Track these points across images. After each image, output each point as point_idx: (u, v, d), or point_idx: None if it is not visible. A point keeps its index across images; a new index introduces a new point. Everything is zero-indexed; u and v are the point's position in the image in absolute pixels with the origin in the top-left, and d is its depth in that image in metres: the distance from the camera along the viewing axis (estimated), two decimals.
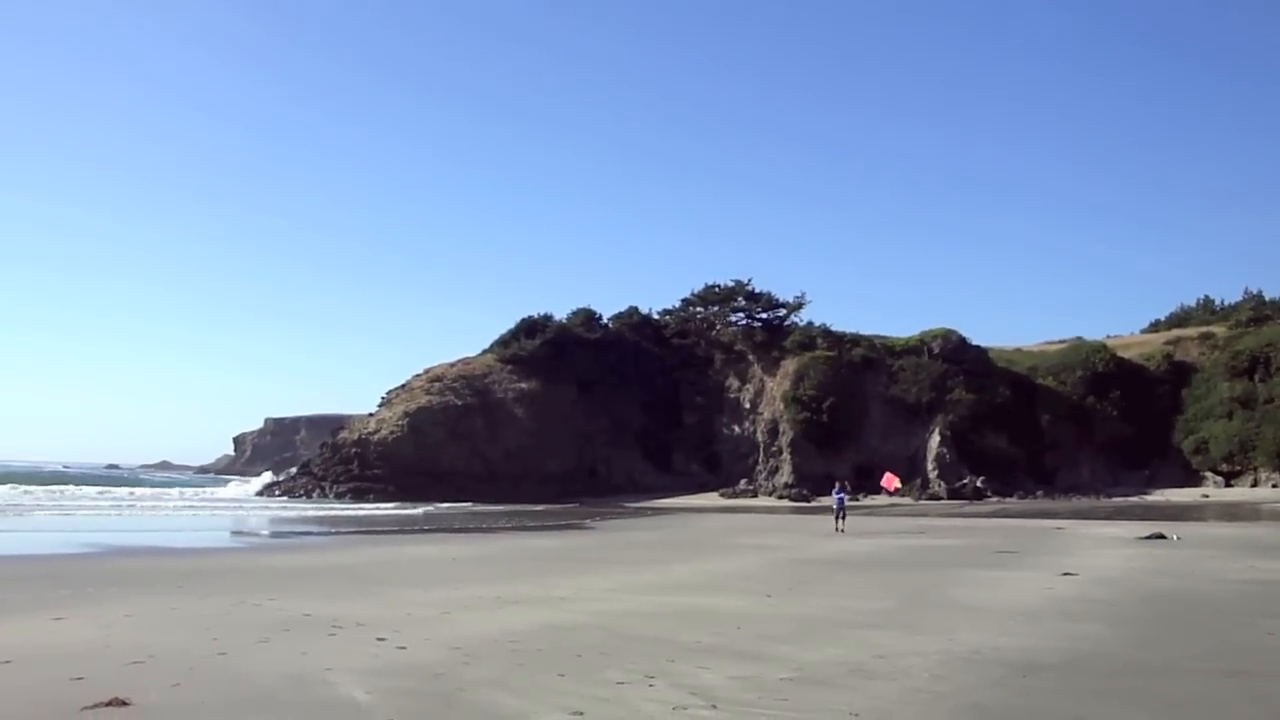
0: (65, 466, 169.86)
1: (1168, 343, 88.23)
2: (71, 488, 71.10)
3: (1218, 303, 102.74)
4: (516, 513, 52.37)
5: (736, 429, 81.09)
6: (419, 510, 54.46)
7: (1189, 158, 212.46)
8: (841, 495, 37.22)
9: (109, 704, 7.70)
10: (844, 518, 36.12)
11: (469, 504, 60.04)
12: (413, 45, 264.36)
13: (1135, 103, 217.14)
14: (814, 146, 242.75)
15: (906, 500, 69.35)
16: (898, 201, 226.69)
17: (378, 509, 56.34)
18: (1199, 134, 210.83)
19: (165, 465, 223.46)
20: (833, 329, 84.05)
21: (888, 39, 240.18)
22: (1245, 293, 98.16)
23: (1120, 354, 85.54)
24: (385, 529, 38.15)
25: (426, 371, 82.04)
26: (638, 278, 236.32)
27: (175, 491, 75.28)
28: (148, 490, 76.61)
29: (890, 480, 49.63)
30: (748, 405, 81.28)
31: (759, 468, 77.30)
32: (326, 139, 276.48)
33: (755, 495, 72.59)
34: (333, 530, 39.25)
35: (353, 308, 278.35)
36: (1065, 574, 18.71)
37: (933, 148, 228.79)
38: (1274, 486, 71.36)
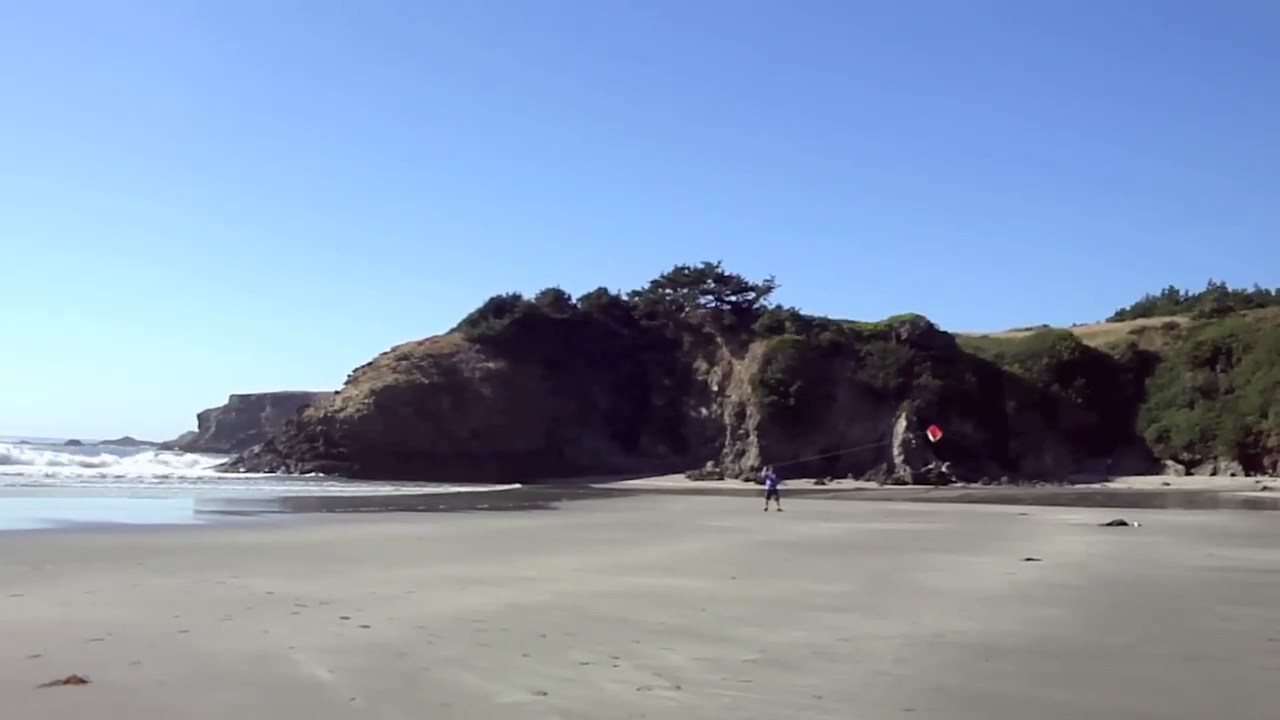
0: (24, 441, 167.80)
1: (1132, 332, 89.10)
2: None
3: (1182, 293, 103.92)
4: (483, 493, 52.28)
5: (704, 411, 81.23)
6: (384, 489, 54.25)
7: (1162, 145, 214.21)
8: (772, 478, 39.80)
9: (67, 682, 7.61)
10: (776, 499, 37.75)
11: (435, 484, 59.82)
12: (381, 12, 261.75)
13: (1117, 81, 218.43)
14: (788, 120, 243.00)
15: (872, 485, 69.82)
16: (871, 178, 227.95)
17: (342, 487, 56.13)
18: (1173, 120, 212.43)
19: (128, 441, 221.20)
20: (801, 313, 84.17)
21: (866, 5, 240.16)
22: (1209, 284, 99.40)
23: (1086, 342, 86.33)
24: (350, 508, 37.98)
25: (394, 349, 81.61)
26: (607, 259, 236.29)
27: (138, 466, 74.63)
28: (111, 463, 75.96)
29: (935, 431, 53.20)
30: (715, 388, 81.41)
31: (726, 450, 77.52)
32: (293, 109, 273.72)
33: (722, 477, 72.83)
34: (297, 508, 39.09)
35: (319, 283, 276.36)
36: (1028, 559, 18.88)
37: (909, 121, 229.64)
38: (1233, 475, 72.36)
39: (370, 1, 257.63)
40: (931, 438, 55.47)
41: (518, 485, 61.64)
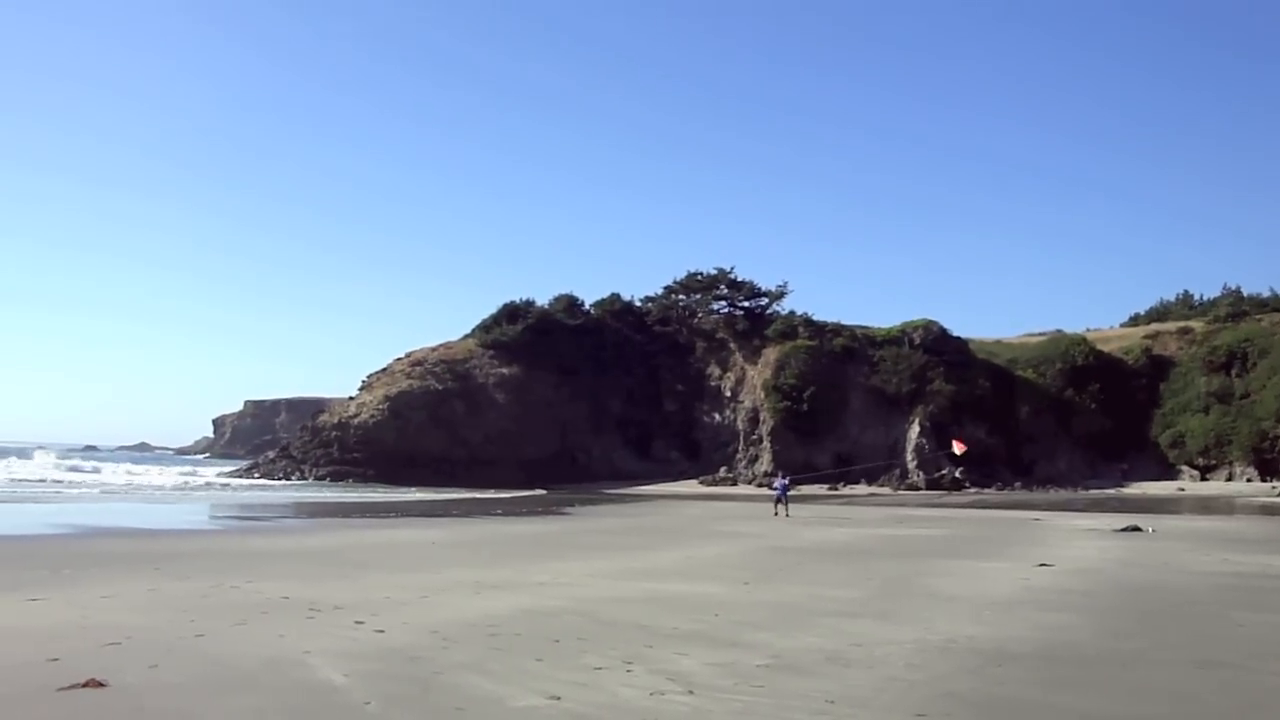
0: (41, 447, 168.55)
1: (1146, 337, 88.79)
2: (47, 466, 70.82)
3: (1196, 298, 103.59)
4: (496, 498, 52.34)
5: (717, 417, 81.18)
6: (398, 495, 54.36)
7: (1177, 150, 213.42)
8: (783, 483, 40.33)
9: (85, 685, 7.68)
10: (785, 504, 38.14)
11: (448, 489, 59.91)
12: (398, 17, 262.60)
13: (1130, 89, 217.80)
14: (802, 126, 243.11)
15: (885, 490, 69.70)
16: (885, 184, 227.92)
17: (357, 493, 56.26)
18: (1187, 124, 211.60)
19: (144, 447, 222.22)
20: (814, 318, 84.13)
21: (881, 12, 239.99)
22: (1224, 289, 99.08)
23: (1099, 347, 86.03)
24: (364, 513, 38.08)
25: (408, 355, 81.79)
26: (620, 264, 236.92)
27: (154, 472, 74.97)
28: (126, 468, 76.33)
29: (959, 444, 54.48)
30: (729, 393, 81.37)
31: (739, 456, 77.46)
32: (309, 114, 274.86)
33: (735, 483, 72.76)
34: (311, 513, 39.21)
35: (334, 290, 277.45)
36: (1041, 565, 18.84)
37: (923, 128, 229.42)
38: (1248, 481, 72.01)
39: (388, 7, 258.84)
40: (956, 451, 55.51)
41: (530, 491, 61.68)
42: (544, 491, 62.07)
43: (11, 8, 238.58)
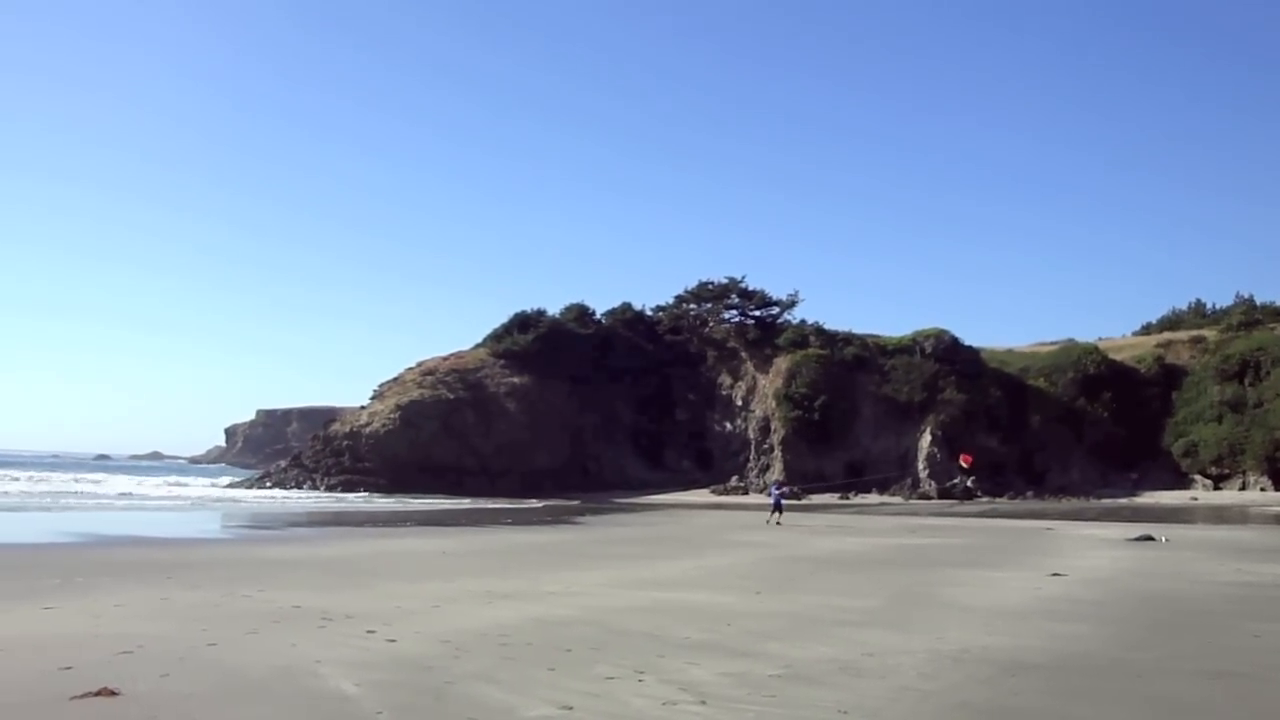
0: (55, 456, 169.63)
1: (1159, 345, 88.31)
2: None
3: (1209, 306, 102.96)
4: (507, 508, 52.35)
5: (728, 426, 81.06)
6: (409, 504, 54.42)
7: (1189, 160, 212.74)
8: (779, 492, 41.88)
9: (98, 694, 7.71)
10: (779, 512, 39.09)
11: (459, 498, 59.94)
12: (411, 26, 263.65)
13: (1135, 100, 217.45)
14: (814, 135, 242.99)
15: (897, 500, 69.50)
16: (895, 193, 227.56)
17: (368, 502, 56.33)
18: (1198, 134, 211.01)
19: (156, 456, 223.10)
20: (825, 327, 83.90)
21: (892, 23, 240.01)
22: (1236, 297, 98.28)
23: (1111, 356, 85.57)
24: (375, 522, 38.12)
25: (419, 364, 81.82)
26: (631, 273, 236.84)
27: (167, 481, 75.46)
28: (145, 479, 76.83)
29: (967, 459, 55.67)
30: (740, 402, 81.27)
31: (750, 465, 77.32)
32: (321, 122, 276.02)
33: (746, 492, 72.57)
34: (323, 522, 39.25)
35: (345, 299, 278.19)
36: (1054, 574, 18.77)
37: (933, 139, 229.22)
38: (1262, 490, 71.51)
39: (401, 17, 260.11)
40: (964, 465, 55.52)
41: (542, 500, 61.67)
42: (555, 501, 62.04)
43: (14, 13, 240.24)
